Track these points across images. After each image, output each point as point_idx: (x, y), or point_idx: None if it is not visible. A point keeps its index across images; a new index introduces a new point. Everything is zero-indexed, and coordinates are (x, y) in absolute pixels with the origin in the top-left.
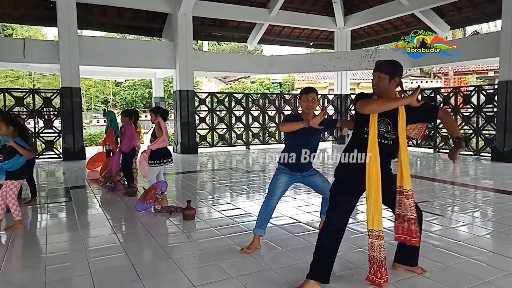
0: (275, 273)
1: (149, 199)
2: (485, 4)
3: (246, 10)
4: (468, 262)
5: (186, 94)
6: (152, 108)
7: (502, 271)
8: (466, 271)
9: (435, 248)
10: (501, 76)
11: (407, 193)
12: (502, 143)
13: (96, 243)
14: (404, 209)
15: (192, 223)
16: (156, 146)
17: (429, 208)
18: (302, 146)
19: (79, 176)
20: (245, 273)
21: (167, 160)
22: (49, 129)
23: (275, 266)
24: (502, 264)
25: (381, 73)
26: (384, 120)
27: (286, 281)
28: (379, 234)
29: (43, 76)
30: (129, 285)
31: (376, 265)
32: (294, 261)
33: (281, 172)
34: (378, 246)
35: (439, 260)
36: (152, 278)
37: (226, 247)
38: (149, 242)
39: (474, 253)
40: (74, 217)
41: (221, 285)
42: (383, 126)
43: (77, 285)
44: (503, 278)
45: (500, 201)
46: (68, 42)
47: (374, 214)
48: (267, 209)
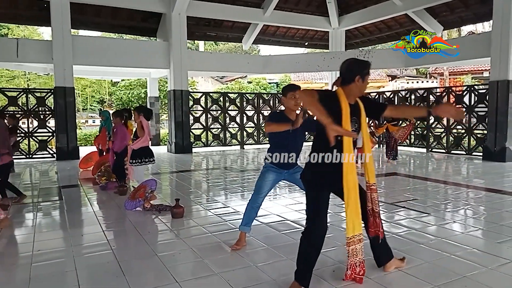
0: (259, 270)
1: (139, 198)
2: (477, 4)
3: (241, 10)
4: (449, 258)
5: (180, 94)
6: (135, 107)
7: (481, 266)
8: (446, 267)
9: (418, 245)
10: (492, 76)
11: (373, 187)
12: (493, 143)
13: (84, 240)
14: (370, 203)
15: (180, 221)
16: (138, 146)
17: (416, 206)
18: (288, 145)
19: (72, 176)
20: (228, 269)
21: (148, 160)
22: (42, 128)
23: (259, 263)
24: (482, 260)
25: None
26: (353, 119)
27: (268, 278)
28: (360, 238)
29: (38, 76)
30: (113, 281)
31: (358, 267)
32: (278, 258)
33: (268, 170)
34: (360, 249)
35: (420, 257)
36: (136, 274)
37: (212, 244)
38: (136, 239)
39: (456, 249)
40: (64, 216)
41: (204, 281)
42: (353, 125)
43: (61, 281)
44: (481, 273)
45: (488, 200)
46: (62, 41)
47: (355, 220)
48: (253, 207)
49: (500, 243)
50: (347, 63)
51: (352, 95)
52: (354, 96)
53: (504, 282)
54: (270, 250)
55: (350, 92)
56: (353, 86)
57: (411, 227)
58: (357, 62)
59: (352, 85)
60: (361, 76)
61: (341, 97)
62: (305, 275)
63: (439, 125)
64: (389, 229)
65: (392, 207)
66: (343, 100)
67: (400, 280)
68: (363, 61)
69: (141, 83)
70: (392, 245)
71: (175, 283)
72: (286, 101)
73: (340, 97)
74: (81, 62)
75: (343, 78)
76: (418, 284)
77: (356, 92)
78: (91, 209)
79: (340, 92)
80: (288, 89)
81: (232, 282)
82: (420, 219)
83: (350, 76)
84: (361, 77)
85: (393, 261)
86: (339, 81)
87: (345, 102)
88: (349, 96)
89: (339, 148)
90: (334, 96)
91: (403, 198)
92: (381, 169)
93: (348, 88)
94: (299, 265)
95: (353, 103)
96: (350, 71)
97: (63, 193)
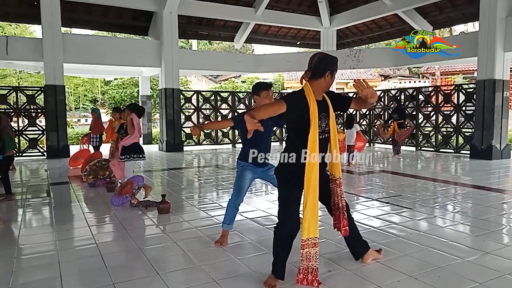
0: (239, 262)
1: (126, 194)
2: (465, 5)
3: (232, 9)
4: (427, 250)
5: (171, 92)
6: (128, 105)
7: (456, 258)
8: (422, 259)
9: (397, 238)
10: (479, 75)
11: (338, 181)
12: (480, 141)
13: (69, 235)
14: (335, 197)
15: (166, 216)
16: (128, 142)
17: (399, 202)
18: (260, 143)
19: (61, 173)
20: (210, 262)
21: (137, 156)
22: (33, 127)
23: (240, 256)
24: (458, 252)
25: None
26: (323, 115)
27: (248, 270)
28: (315, 242)
29: (30, 75)
30: (96, 274)
31: (311, 274)
32: (259, 252)
33: (245, 169)
34: (314, 254)
35: (398, 249)
36: (118, 267)
37: (196, 238)
38: (121, 234)
39: (433, 242)
40: (51, 212)
41: (185, 273)
42: (323, 121)
43: (44, 274)
44: (456, 264)
45: (471, 196)
46: (52, 39)
47: (311, 222)
48: (236, 207)
49: (478, 236)
50: (318, 57)
51: (320, 91)
52: (321, 91)
53: (476, 272)
54: (253, 244)
55: (319, 88)
56: (322, 81)
57: (392, 221)
58: (328, 57)
59: (321, 80)
60: (331, 72)
61: (309, 95)
62: (279, 267)
63: (428, 123)
64: (369, 223)
65: (375, 202)
66: (311, 98)
67: (376, 271)
68: (333, 56)
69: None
70: (371, 238)
71: (156, 275)
72: (260, 100)
73: (308, 95)
74: (72, 60)
75: (312, 72)
76: (394, 274)
77: (324, 88)
78: (78, 205)
79: (308, 89)
80: (262, 88)
81: (212, 274)
82: (401, 214)
83: (320, 71)
84: (330, 73)
85: (371, 253)
86: (307, 75)
87: (313, 100)
88: (317, 91)
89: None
90: (301, 95)
91: (388, 194)
92: (371, 167)
93: (317, 83)
94: (274, 257)
95: (320, 99)
96: (321, 66)
97: (51, 190)
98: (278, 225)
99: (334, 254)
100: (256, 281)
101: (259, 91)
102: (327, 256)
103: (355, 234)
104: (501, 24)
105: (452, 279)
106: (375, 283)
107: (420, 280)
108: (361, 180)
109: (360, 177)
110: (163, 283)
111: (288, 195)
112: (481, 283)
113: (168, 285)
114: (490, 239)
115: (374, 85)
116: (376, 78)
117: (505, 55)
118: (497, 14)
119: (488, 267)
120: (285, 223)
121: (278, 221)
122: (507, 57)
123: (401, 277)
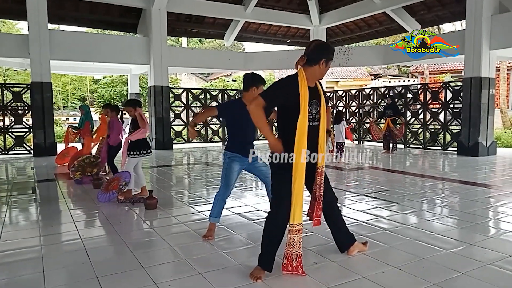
0: (225, 255)
1: (112, 190)
2: (453, 3)
3: (221, 6)
4: (411, 242)
5: (160, 90)
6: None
7: (440, 249)
8: (407, 251)
9: (384, 231)
10: (466, 73)
11: (320, 169)
12: (467, 138)
13: (53, 231)
14: (315, 185)
15: (153, 212)
16: (137, 137)
17: (386, 196)
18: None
19: (48, 171)
20: (195, 256)
21: (146, 152)
22: (19, 124)
23: (226, 249)
24: (442, 244)
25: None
26: (314, 101)
27: (234, 262)
28: (299, 228)
29: (17, 73)
30: (79, 268)
31: (295, 260)
32: (247, 245)
33: (233, 161)
34: (298, 240)
35: (384, 242)
36: (102, 261)
37: (182, 233)
38: (106, 229)
39: (419, 235)
40: (36, 208)
41: (169, 267)
42: (314, 108)
43: (27, 268)
44: (440, 255)
45: (457, 191)
46: (38, 36)
47: (296, 208)
48: (224, 199)
49: (462, 228)
50: (315, 44)
51: (313, 78)
52: (314, 78)
53: (459, 263)
54: (239, 237)
55: (312, 74)
56: (316, 68)
57: (378, 215)
58: (325, 45)
59: (316, 67)
60: (326, 60)
61: (302, 80)
62: (268, 259)
63: (416, 121)
64: (356, 217)
65: (362, 197)
66: (303, 84)
67: (361, 262)
68: (330, 45)
69: (123, 80)
70: (357, 231)
71: (141, 268)
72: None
73: (300, 80)
74: (59, 57)
75: (308, 58)
76: (379, 265)
77: (317, 75)
78: (64, 202)
79: (301, 74)
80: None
81: (197, 267)
82: (388, 208)
83: (316, 57)
84: (326, 61)
85: (356, 245)
86: (302, 60)
87: (305, 86)
88: (310, 78)
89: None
90: (294, 80)
91: (376, 189)
92: (360, 163)
93: (311, 70)
94: (262, 249)
95: (313, 86)
96: (317, 53)
97: (38, 187)
98: (269, 215)
99: (321, 247)
100: (242, 273)
101: (259, 84)
102: (314, 249)
103: (341, 227)
104: (487, 22)
105: (436, 270)
106: (360, 274)
107: (404, 271)
108: (350, 176)
109: (349, 173)
110: (148, 276)
111: (280, 186)
112: (464, 272)
113: (153, 278)
114: (475, 232)
115: (363, 83)
116: (366, 77)
117: (491, 53)
118: (483, 12)
119: (472, 257)
120: (276, 214)
121: (270, 211)
122: (493, 55)
123: (386, 268)
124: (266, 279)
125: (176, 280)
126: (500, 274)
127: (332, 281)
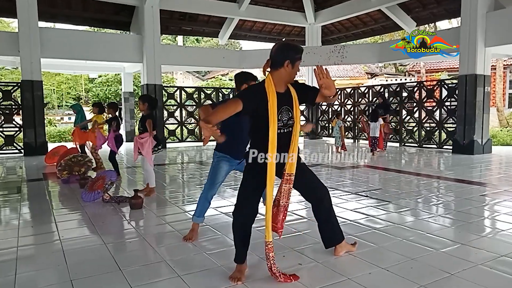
0: (207, 256)
1: (97, 189)
2: (448, 1)
3: (215, 4)
4: (401, 242)
5: (153, 88)
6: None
7: (430, 249)
8: (395, 251)
9: (373, 230)
10: (461, 70)
11: (287, 177)
12: (462, 136)
13: (32, 232)
14: (279, 192)
15: (139, 211)
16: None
17: (378, 195)
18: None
19: (37, 170)
20: (177, 257)
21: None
22: (9, 123)
23: (210, 250)
24: (433, 243)
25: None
26: (285, 108)
27: (215, 263)
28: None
29: (11, 72)
30: (53, 271)
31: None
32: (230, 245)
33: (222, 160)
34: (271, 257)
35: (372, 241)
36: (79, 263)
37: (166, 233)
38: (88, 230)
39: (409, 234)
40: (17, 208)
41: (149, 268)
42: (286, 115)
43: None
44: (429, 255)
45: (451, 189)
46: (29, 33)
47: (267, 225)
48: (208, 199)
49: (455, 228)
50: (277, 45)
51: (282, 82)
52: (283, 82)
53: (449, 263)
54: (223, 238)
55: (279, 79)
56: (282, 71)
57: (368, 214)
58: (287, 46)
59: (281, 70)
60: (291, 61)
61: (269, 86)
62: (239, 252)
63: (411, 119)
64: (346, 216)
65: (354, 196)
66: (270, 90)
67: (348, 263)
68: (295, 45)
69: (118, 79)
70: (346, 231)
71: (118, 271)
72: None
73: (267, 87)
74: (50, 55)
75: (272, 61)
76: (366, 266)
77: (285, 78)
78: (48, 202)
79: (269, 80)
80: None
81: (177, 268)
82: (379, 207)
83: (279, 60)
84: (290, 62)
85: (344, 245)
86: (268, 64)
87: (273, 92)
88: (278, 83)
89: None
90: (261, 88)
91: (368, 188)
92: (354, 161)
93: (277, 73)
94: (234, 244)
95: (283, 91)
96: (280, 55)
97: (24, 187)
98: (235, 209)
99: (307, 248)
100: (224, 275)
101: (250, 81)
102: (299, 249)
103: (332, 221)
104: (482, 19)
105: (425, 271)
106: (346, 275)
107: (391, 272)
108: (343, 174)
109: (343, 171)
110: (124, 278)
111: (248, 180)
112: (453, 273)
113: (129, 281)
114: (468, 231)
115: (360, 82)
116: (362, 75)
117: (486, 50)
118: (478, 10)
119: (462, 258)
120: (240, 207)
121: (235, 204)
122: (488, 52)
123: (373, 269)
124: (247, 281)
125: (153, 283)
126: (490, 274)
127: (316, 283)
